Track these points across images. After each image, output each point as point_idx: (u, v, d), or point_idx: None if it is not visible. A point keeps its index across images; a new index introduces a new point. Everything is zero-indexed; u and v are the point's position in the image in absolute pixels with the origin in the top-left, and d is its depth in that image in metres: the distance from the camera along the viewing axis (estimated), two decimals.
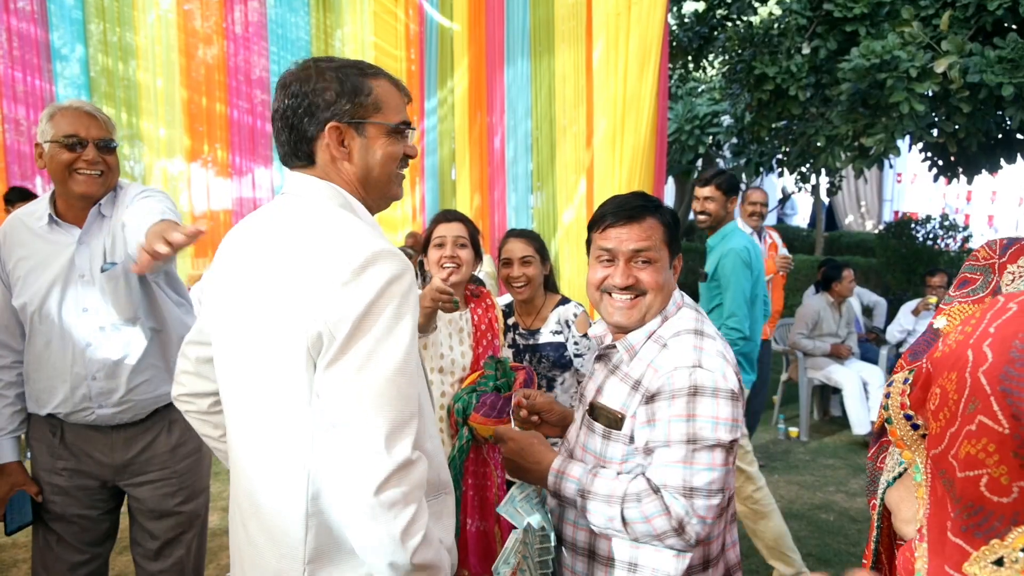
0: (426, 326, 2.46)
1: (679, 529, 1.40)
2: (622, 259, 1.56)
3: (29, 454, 2.28)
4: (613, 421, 1.54)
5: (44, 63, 5.69)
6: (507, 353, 2.75)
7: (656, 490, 1.42)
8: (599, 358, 1.67)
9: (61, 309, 2.12)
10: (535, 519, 1.56)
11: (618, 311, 1.58)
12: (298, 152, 1.38)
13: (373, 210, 1.44)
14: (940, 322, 1.17)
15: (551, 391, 2.80)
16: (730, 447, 1.45)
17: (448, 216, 2.71)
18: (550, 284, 2.94)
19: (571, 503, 1.50)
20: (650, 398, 1.49)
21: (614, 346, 1.61)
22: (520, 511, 1.57)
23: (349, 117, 1.34)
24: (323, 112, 1.33)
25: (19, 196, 4.83)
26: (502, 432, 1.60)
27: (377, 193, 1.43)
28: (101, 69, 5.95)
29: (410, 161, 1.51)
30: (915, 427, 0.84)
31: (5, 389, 2.18)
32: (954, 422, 0.73)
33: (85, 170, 2.06)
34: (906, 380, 0.85)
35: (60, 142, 2.04)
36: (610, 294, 1.59)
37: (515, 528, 1.56)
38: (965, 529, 0.72)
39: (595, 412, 1.58)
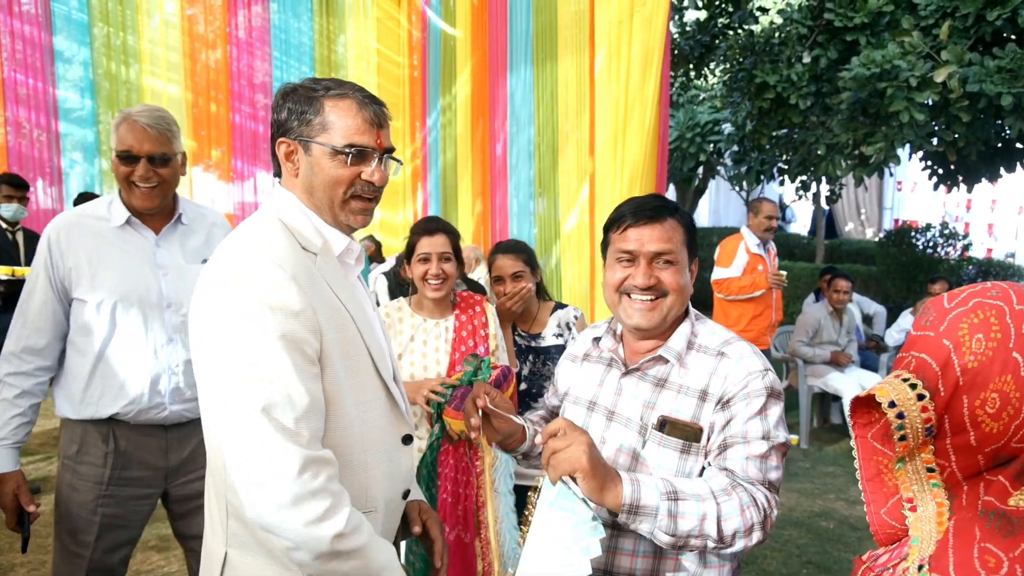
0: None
1: (764, 521, 1.38)
2: (643, 260, 1.52)
3: (66, 465, 2.19)
4: (691, 434, 1.48)
5: (47, 66, 5.71)
6: (502, 355, 2.74)
7: (737, 484, 1.41)
8: (629, 373, 1.58)
9: (144, 304, 2.12)
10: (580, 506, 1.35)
11: (638, 312, 1.53)
12: (274, 163, 1.48)
13: (338, 224, 1.45)
14: None
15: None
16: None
17: (430, 228, 2.63)
18: (541, 291, 2.97)
19: (650, 512, 1.34)
20: (726, 403, 1.48)
21: (662, 358, 1.55)
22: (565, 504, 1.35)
23: (295, 135, 1.41)
24: (280, 129, 1.43)
25: (9, 180, 4.86)
26: (553, 426, 1.38)
27: (326, 214, 1.44)
28: (104, 72, 5.97)
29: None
30: (928, 432, 0.98)
31: (20, 398, 2.12)
32: (1019, 416, 0.90)
33: (139, 184, 2.11)
34: (921, 397, 0.96)
35: (116, 155, 2.11)
36: (629, 295, 1.54)
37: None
38: (1016, 476, 0.92)
39: (667, 427, 1.49)
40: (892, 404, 0.95)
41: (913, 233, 9.57)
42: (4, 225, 4.79)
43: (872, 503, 1.06)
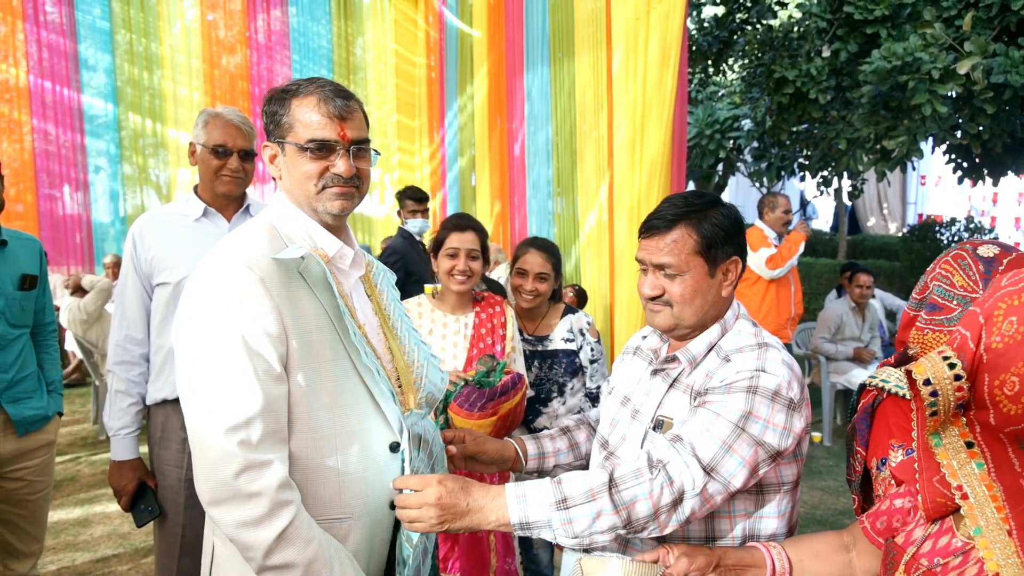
0: None
1: (677, 500, 1.34)
2: (650, 270, 1.56)
3: (153, 451, 2.35)
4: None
5: (72, 73, 5.81)
6: (519, 359, 2.75)
7: (654, 465, 1.37)
8: (656, 372, 1.62)
9: None
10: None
11: (651, 316, 1.58)
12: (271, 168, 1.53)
13: (319, 217, 1.47)
14: (913, 349, 1.32)
15: (561, 396, 2.83)
16: (772, 456, 1.41)
17: (461, 224, 2.70)
18: (554, 294, 2.98)
19: (542, 525, 1.34)
20: (704, 394, 1.46)
21: (675, 358, 1.57)
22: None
23: (274, 138, 1.46)
24: (265, 134, 1.49)
25: (412, 194, 4.70)
26: (400, 481, 1.42)
27: (307, 210, 1.47)
28: (127, 78, 6.06)
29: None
30: (960, 407, 0.99)
31: (132, 388, 2.30)
32: None
33: (227, 175, 2.32)
34: (958, 377, 0.97)
35: (210, 149, 2.29)
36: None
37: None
38: None
39: (662, 427, 1.53)
40: (927, 382, 0.96)
41: (938, 228, 9.45)
42: (417, 239, 4.61)
43: (925, 471, 1.05)
